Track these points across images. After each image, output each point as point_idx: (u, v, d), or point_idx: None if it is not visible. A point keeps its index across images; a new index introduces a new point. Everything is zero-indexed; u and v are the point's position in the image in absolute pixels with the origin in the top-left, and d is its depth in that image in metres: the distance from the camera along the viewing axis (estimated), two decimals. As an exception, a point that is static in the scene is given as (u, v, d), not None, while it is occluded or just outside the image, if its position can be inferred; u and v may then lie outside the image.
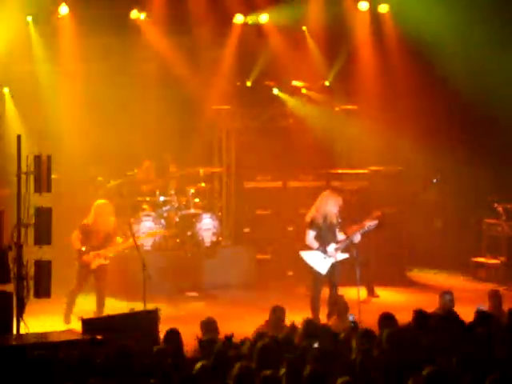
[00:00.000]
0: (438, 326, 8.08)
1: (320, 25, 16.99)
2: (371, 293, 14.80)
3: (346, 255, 12.42)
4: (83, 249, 12.31)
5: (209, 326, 9.19)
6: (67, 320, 12.28)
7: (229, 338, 7.91)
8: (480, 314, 8.93)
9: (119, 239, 12.78)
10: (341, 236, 12.48)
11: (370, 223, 12.73)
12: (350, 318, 9.91)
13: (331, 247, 12.32)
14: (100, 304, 12.39)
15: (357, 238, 12.53)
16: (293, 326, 9.17)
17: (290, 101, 18.04)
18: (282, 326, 9.83)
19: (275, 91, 17.97)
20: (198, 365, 6.92)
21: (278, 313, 10.06)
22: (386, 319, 8.79)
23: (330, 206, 12.42)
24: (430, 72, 16.86)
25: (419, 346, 7.44)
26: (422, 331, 8.05)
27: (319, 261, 12.27)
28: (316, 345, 7.72)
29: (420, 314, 8.66)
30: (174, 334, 8.43)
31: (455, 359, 6.97)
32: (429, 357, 7.10)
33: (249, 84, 17.89)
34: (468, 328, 8.27)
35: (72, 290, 12.41)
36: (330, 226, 12.41)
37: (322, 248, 12.29)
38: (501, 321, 9.25)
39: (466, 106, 17.09)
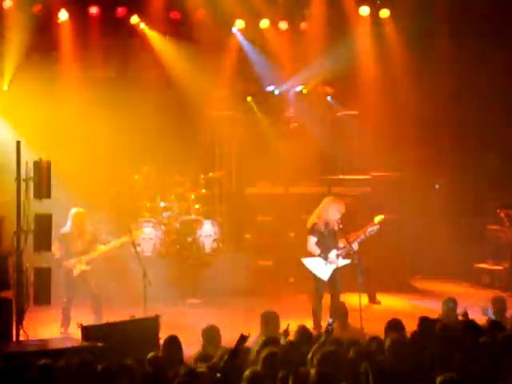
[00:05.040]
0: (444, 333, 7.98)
1: (321, 30, 16.95)
2: (373, 299, 14.72)
3: (347, 261, 12.34)
4: (67, 257, 12.29)
5: (211, 333, 9.11)
6: (65, 330, 12.22)
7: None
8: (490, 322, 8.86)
9: (100, 246, 12.71)
10: (342, 242, 12.41)
11: (372, 228, 12.65)
12: (330, 321, 9.80)
13: (333, 253, 12.24)
14: (97, 310, 12.33)
15: (357, 243, 12.46)
16: (286, 332, 9.10)
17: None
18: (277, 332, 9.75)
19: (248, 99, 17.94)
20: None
21: (269, 319, 9.97)
22: (393, 326, 8.70)
23: (331, 212, 12.34)
24: (431, 77, 16.81)
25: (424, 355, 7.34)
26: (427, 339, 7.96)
27: (321, 267, 12.20)
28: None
29: (426, 321, 8.58)
30: (173, 341, 8.35)
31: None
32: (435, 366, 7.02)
33: (249, 99, 17.86)
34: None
35: (64, 303, 12.34)
36: (331, 233, 12.33)
37: (324, 254, 12.21)
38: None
39: (468, 111, 17.05)
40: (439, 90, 17.12)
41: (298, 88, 18.00)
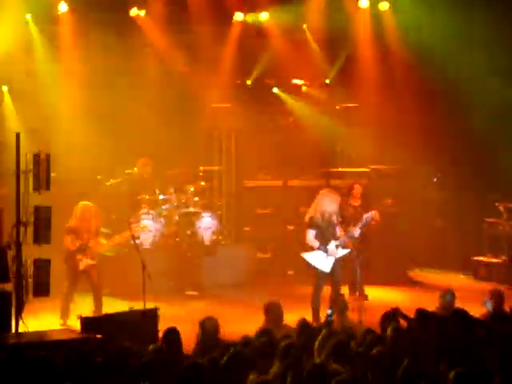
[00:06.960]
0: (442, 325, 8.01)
1: (320, 22, 16.93)
2: (353, 292, 14.56)
3: (347, 250, 12.39)
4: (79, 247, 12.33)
5: (209, 324, 9.13)
6: (65, 322, 12.26)
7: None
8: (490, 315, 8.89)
9: (103, 240, 12.76)
10: (340, 232, 12.46)
11: (367, 215, 12.69)
12: (329, 312, 9.84)
13: (332, 245, 12.27)
14: (98, 303, 12.36)
15: (356, 232, 12.50)
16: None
17: (290, 99, 18.02)
18: (281, 323, 9.79)
19: (275, 90, 17.97)
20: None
21: (274, 309, 10.00)
22: (389, 317, 8.74)
23: (327, 204, 12.37)
24: (430, 70, 16.79)
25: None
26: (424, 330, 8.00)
27: (322, 260, 12.22)
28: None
29: (422, 313, 8.61)
30: (172, 333, 8.38)
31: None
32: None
33: (249, 82, 17.87)
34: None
35: (65, 293, 12.39)
36: (329, 224, 12.36)
37: (323, 247, 12.24)
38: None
39: (467, 104, 17.04)
40: (439, 82, 17.10)
41: (297, 81, 18.02)
